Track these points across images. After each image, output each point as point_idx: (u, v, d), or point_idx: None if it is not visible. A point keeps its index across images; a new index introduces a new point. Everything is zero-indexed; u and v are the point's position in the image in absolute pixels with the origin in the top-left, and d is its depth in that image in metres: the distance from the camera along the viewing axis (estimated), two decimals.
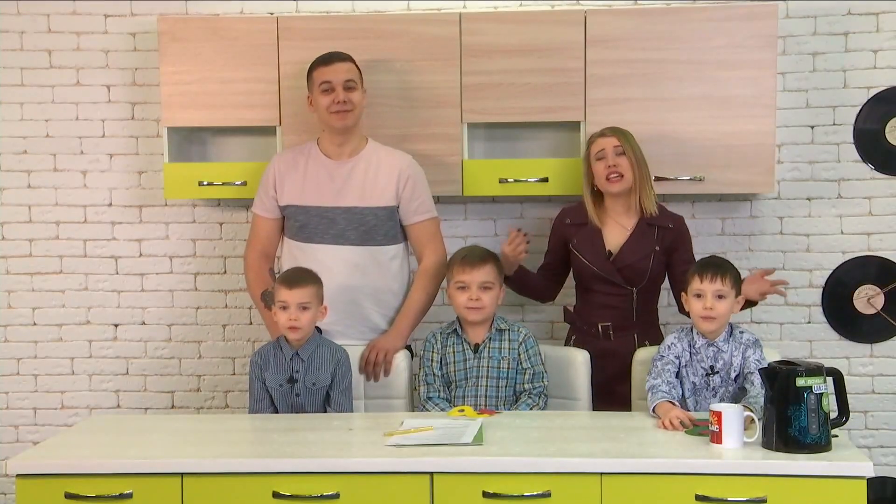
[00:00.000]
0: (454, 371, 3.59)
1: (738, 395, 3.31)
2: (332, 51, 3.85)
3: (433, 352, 3.62)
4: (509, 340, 3.59)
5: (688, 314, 3.45)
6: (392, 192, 3.81)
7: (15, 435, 4.62)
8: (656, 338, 3.74)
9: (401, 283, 3.89)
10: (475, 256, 3.62)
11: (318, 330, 3.63)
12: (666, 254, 3.81)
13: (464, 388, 3.57)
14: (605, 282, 3.80)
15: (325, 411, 3.53)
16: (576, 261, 3.86)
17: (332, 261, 3.75)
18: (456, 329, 3.63)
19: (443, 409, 3.49)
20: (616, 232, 3.83)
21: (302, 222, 3.82)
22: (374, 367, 3.70)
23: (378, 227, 3.81)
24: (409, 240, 3.91)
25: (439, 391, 3.58)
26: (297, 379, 3.52)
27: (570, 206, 3.97)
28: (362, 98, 3.83)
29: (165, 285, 4.58)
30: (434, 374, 3.60)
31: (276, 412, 3.54)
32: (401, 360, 3.74)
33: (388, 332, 3.79)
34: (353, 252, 3.79)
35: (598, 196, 3.87)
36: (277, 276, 3.66)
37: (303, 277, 3.54)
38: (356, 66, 3.83)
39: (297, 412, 3.52)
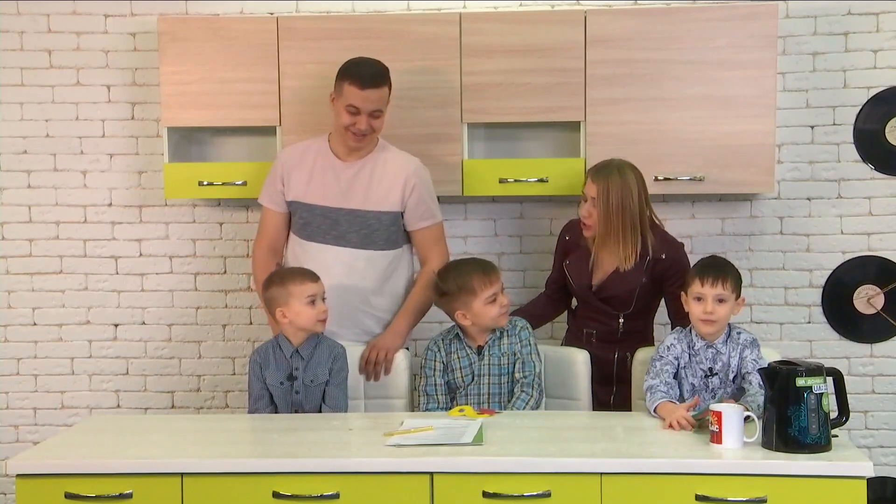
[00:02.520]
0: (461, 376, 3.58)
1: (736, 396, 3.30)
2: (370, 64, 3.72)
3: (436, 360, 3.60)
4: (508, 336, 3.59)
5: (684, 325, 3.45)
6: (397, 197, 3.79)
7: (15, 435, 4.63)
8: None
9: (397, 287, 3.87)
10: (491, 266, 3.61)
11: None
12: (657, 282, 3.76)
13: (468, 389, 3.57)
14: (591, 304, 3.81)
15: (322, 408, 3.54)
16: (567, 279, 3.87)
17: (331, 261, 3.74)
18: (458, 334, 3.62)
19: None
20: (607, 261, 3.77)
21: (305, 220, 3.81)
22: (374, 366, 3.69)
23: (380, 231, 3.80)
24: (413, 243, 3.90)
25: (438, 402, 3.57)
26: (297, 376, 3.52)
27: (574, 221, 3.93)
28: (384, 120, 3.77)
29: (165, 285, 4.58)
30: (435, 385, 3.58)
31: (276, 411, 3.54)
32: (401, 360, 3.74)
33: (388, 330, 3.79)
34: (353, 255, 3.78)
35: None
36: (290, 274, 3.60)
37: (314, 272, 3.57)
38: (389, 85, 3.74)
39: (296, 409, 3.52)
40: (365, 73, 3.69)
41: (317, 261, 3.70)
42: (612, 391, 3.76)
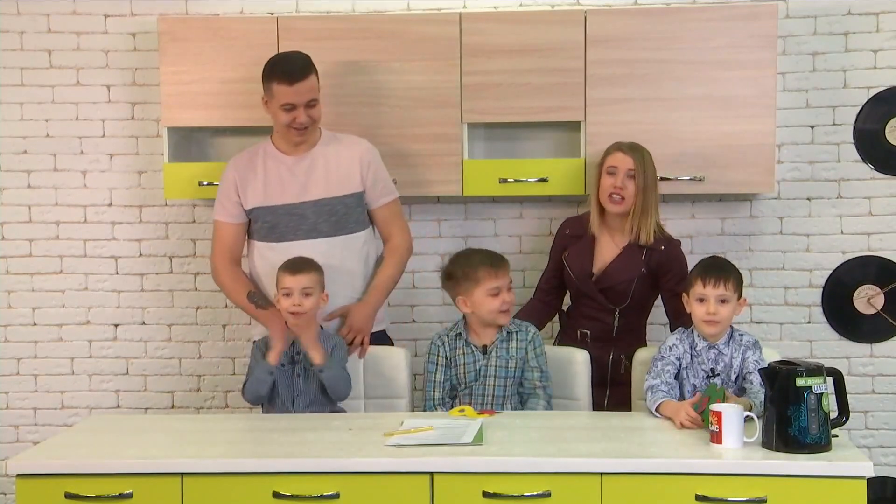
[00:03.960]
0: (464, 373, 3.58)
1: (737, 395, 3.31)
2: (291, 58, 3.72)
3: (439, 355, 3.60)
4: (517, 340, 3.58)
5: (685, 325, 3.46)
6: (357, 178, 3.80)
7: (15, 435, 4.63)
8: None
9: (370, 264, 3.89)
10: (499, 259, 3.60)
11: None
12: (654, 276, 3.78)
13: (472, 388, 3.57)
14: (589, 297, 3.81)
15: (324, 394, 3.54)
16: (565, 272, 3.88)
17: (308, 256, 3.71)
18: (461, 332, 3.62)
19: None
20: (607, 249, 3.81)
21: (271, 223, 3.80)
22: (353, 348, 3.70)
23: (348, 214, 3.80)
24: (374, 223, 3.90)
25: (437, 399, 3.56)
26: (299, 360, 3.54)
27: (573, 218, 3.98)
28: (321, 107, 3.76)
29: (165, 285, 4.58)
30: (434, 381, 3.57)
31: (272, 396, 3.55)
32: (401, 360, 3.73)
33: (360, 309, 3.74)
34: (328, 244, 3.77)
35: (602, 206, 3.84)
36: (283, 264, 3.61)
37: (306, 264, 3.57)
38: (315, 73, 3.73)
39: (296, 394, 3.53)
40: (291, 69, 3.69)
41: None
42: (605, 393, 3.76)
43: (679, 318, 3.60)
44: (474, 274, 3.54)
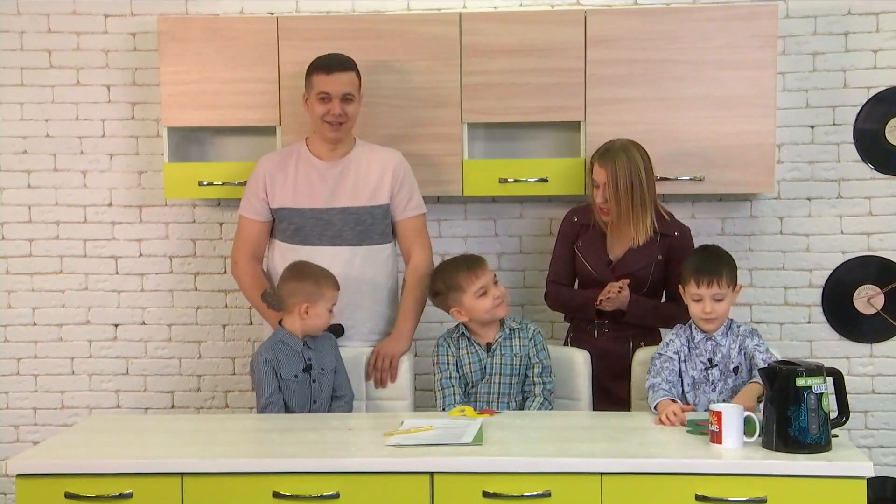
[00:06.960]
0: (470, 372, 3.58)
1: (738, 388, 3.32)
2: (335, 54, 3.81)
3: (448, 354, 3.60)
4: (520, 338, 3.59)
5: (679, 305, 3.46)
6: (386, 190, 3.81)
7: (15, 435, 4.62)
8: (652, 341, 3.75)
9: (392, 277, 3.90)
10: (474, 260, 3.63)
11: None
12: (667, 262, 3.79)
13: (478, 386, 3.57)
14: (604, 287, 3.79)
15: (332, 395, 3.57)
16: (578, 262, 3.86)
17: (330, 262, 3.71)
18: (464, 332, 3.62)
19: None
20: (620, 239, 3.81)
21: (297, 225, 3.81)
22: (381, 372, 3.69)
23: (374, 225, 3.81)
24: (397, 235, 3.90)
25: (455, 395, 3.55)
26: (312, 365, 3.54)
27: (580, 207, 3.97)
28: (358, 108, 3.81)
29: (165, 285, 4.58)
30: (451, 377, 3.57)
31: (285, 408, 3.53)
32: (402, 361, 3.73)
33: (392, 335, 3.77)
34: (350, 252, 3.78)
35: None
36: (323, 276, 3.60)
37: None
38: (357, 73, 3.80)
39: (313, 399, 3.53)
40: (330, 61, 3.77)
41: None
42: (628, 386, 3.73)
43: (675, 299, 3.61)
44: (455, 283, 3.56)
